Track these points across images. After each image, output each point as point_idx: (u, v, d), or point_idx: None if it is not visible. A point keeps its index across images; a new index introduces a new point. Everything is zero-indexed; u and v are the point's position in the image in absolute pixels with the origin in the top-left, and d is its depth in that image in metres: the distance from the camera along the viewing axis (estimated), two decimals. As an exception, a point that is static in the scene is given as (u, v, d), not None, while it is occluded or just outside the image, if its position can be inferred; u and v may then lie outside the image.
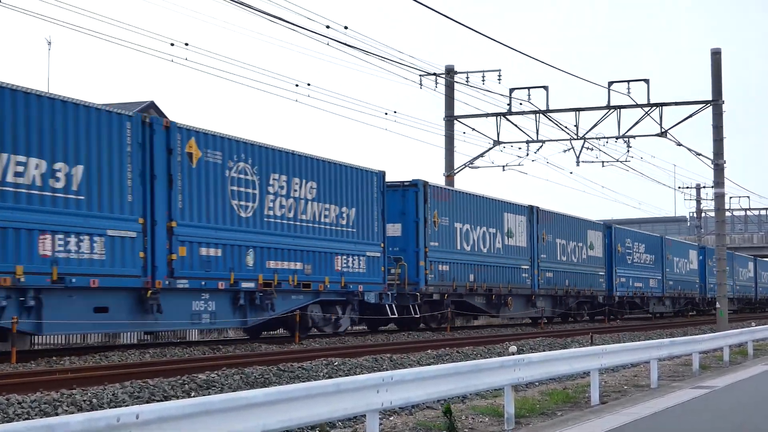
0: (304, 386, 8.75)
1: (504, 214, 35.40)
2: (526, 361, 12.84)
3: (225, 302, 22.69)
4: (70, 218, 18.31)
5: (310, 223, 25.33)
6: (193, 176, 21.46)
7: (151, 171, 20.37)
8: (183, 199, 21.08)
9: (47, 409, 11.44)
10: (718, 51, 42.02)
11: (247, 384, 14.56)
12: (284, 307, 24.73)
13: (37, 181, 17.72)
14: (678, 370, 20.91)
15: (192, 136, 21.57)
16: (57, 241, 18.01)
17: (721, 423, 12.23)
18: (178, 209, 20.93)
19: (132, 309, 20.06)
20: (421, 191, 30.10)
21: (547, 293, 38.54)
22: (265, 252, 23.59)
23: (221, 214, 22.23)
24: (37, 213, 17.65)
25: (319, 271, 25.50)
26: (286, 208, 24.42)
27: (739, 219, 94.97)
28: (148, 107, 40.18)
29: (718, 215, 44.09)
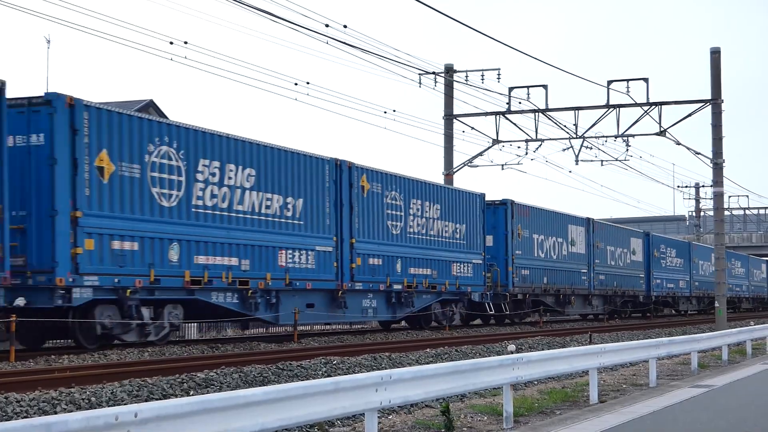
0: (303, 385, 8.75)
1: (568, 225, 41.25)
2: (525, 360, 12.84)
3: (383, 300, 28.43)
4: (295, 238, 24.45)
5: (434, 237, 30.97)
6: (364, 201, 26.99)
7: (341, 200, 26.24)
8: (359, 221, 26.91)
9: (46, 408, 11.45)
10: (717, 50, 42.03)
11: (246, 383, 14.56)
12: (421, 304, 30.75)
13: (276, 211, 23.73)
14: (677, 369, 20.92)
15: None
16: (288, 255, 24.10)
17: (719, 422, 12.23)
18: (356, 229, 26.98)
19: (329, 305, 26.03)
20: (509, 208, 35.77)
21: (600, 293, 44.34)
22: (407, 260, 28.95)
23: (379, 231, 27.71)
24: (277, 234, 23.77)
25: (441, 276, 31.28)
26: (421, 226, 30.08)
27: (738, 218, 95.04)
28: (147, 106, 40.16)
29: (717, 214, 44.12)
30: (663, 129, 41.66)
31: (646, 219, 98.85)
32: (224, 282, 21.99)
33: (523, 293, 36.41)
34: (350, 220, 26.75)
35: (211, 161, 21.87)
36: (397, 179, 28.91)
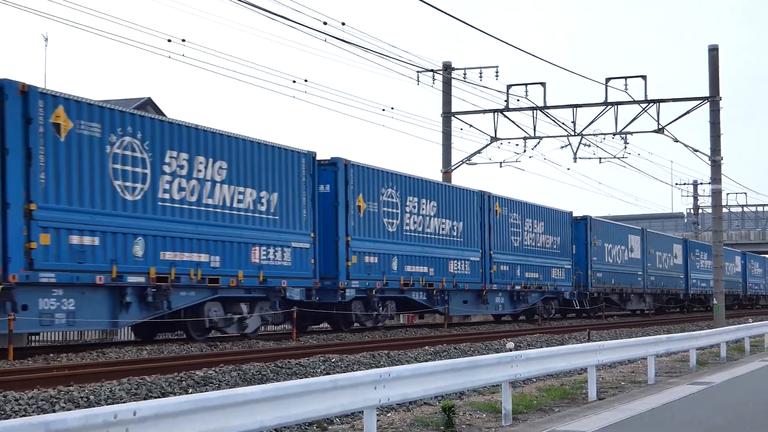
0: (302, 383, 8.75)
1: (628, 234, 47.75)
2: (524, 358, 12.85)
3: (508, 298, 35.30)
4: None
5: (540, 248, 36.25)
6: None
7: None
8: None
9: (44, 406, 11.44)
10: (715, 47, 42.04)
11: (245, 381, 14.56)
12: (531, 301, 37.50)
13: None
14: (675, 366, 20.94)
15: None
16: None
17: (718, 419, 12.24)
18: (492, 243, 33.88)
19: None
20: (588, 223, 42.91)
21: (651, 292, 50.69)
22: None
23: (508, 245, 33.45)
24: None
25: (544, 279, 37.69)
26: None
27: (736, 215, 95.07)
28: (145, 104, 40.11)
29: (715, 211, 44.14)
30: (661, 126, 41.67)
31: (645, 216, 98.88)
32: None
33: (598, 292, 43.51)
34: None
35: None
36: (518, 204, 36.73)
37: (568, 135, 42.97)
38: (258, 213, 23.38)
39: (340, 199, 26.46)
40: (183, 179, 21.08)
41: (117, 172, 19.36)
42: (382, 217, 28.38)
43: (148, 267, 20.03)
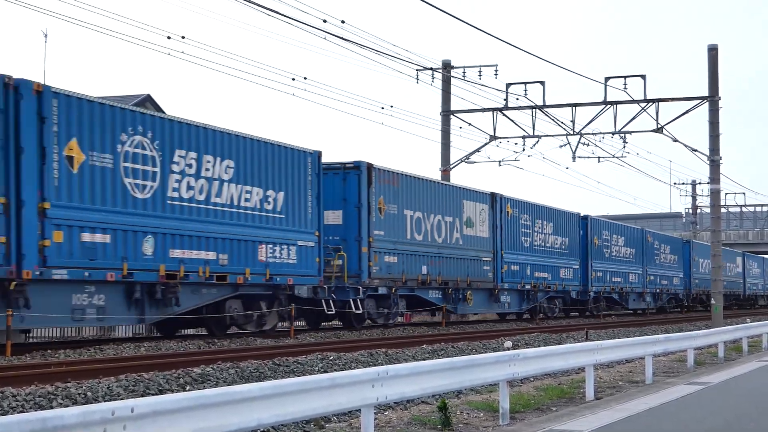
0: (300, 381, 8.75)
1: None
2: (522, 357, 12.85)
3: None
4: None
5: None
6: None
7: None
8: None
9: (42, 402, 11.43)
10: (714, 47, 42.05)
11: (242, 378, 14.56)
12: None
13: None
14: (673, 366, 20.95)
15: None
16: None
17: (716, 419, 12.25)
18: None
19: None
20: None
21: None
22: None
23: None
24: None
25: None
26: None
27: (734, 215, 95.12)
28: (144, 100, 40.11)
29: (714, 211, 44.17)
30: (660, 126, 41.69)
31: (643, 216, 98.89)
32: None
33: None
34: None
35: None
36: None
37: (567, 134, 43.00)
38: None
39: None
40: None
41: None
42: (602, 248, 38.74)
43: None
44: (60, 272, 17.98)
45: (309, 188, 25.29)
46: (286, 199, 24.37)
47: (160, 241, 20.35)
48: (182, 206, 21.02)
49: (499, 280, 34.89)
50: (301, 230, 24.90)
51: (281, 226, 24.12)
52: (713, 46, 42.07)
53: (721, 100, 41.49)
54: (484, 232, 33.98)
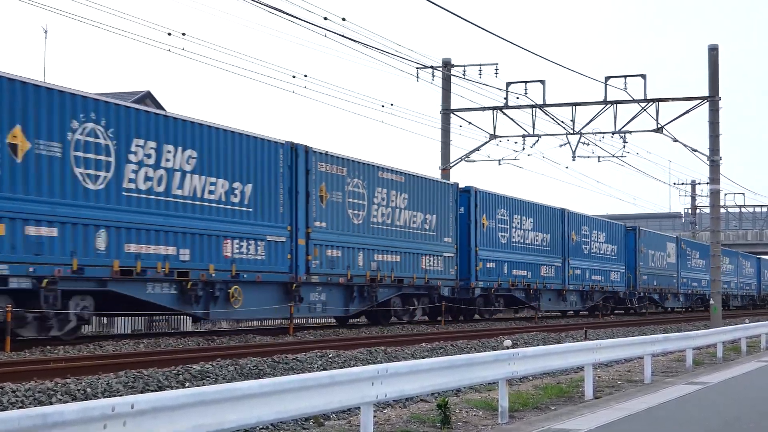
0: (300, 378, 8.75)
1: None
2: (521, 355, 12.85)
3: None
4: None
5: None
6: None
7: None
8: None
9: (42, 398, 11.44)
10: (715, 47, 42.04)
11: (242, 375, 14.56)
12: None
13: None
14: (672, 365, 20.96)
15: None
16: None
17: (714, 419, 12.25)
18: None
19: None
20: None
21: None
22: None
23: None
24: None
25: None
26: None
27: (733, 216, 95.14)
28: (144, 97, 40.10)
29: (713, 212, 44.16)
30: (660, 126, 41.68)
31: (643, 216, 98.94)
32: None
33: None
34: None
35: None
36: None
37: (567, 133, 42.97)
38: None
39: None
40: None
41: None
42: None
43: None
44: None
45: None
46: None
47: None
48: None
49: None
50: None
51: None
52: (714, 46, 42.06)
53: (721, 100, 41.50)
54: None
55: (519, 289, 36.94)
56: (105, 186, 19.23)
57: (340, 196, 26.51)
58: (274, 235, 23.99)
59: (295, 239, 24.66)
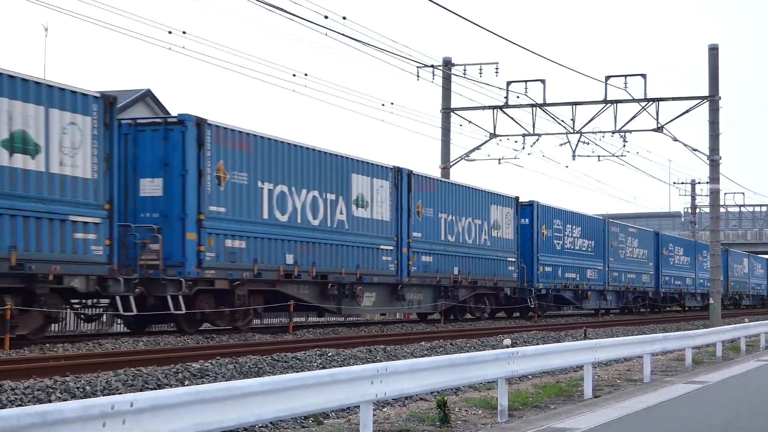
0: (299, 376, 8.75)
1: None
2: (521, 354, 12.85)
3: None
4: None
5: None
6: None
7: None
8: None
9: (40, 396, 11.43)
10: (715, 47, 42.04)
11: (241, 373, 14.55)
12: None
13: None
14: (671, 365, 20.96)
15: None
16: None
17: (713, 418, 12.25)
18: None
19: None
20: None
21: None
22: None
23: None
24: None
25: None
26: None
27: (733, 215, 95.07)
28: (144, 95, 40.05)
29: (713, 211, 44.18)
30: (660, 125, 41.67)
31: (642, 215, 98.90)
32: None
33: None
34: None
35: None
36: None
37: (567, 132, 42.96)
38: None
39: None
40: None
41: None
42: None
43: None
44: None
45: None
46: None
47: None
48: None
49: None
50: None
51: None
52: (714, 45, 42.06)
53: (721, 99, 41.51)
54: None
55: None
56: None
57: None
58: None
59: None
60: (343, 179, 26.77)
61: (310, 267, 25.04)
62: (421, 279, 30.63)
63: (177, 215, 21.43)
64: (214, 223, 21.95)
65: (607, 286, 45.72)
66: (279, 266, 23.96)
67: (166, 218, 21.46)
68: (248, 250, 22.98)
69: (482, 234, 34.53)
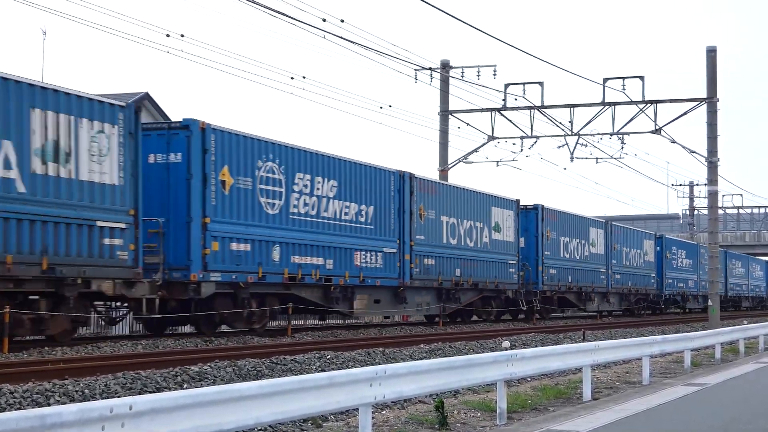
0: (298, 379, 8.75)
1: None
2: (519, 357, 12.85)
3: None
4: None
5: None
6: None
7: None
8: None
9: (39, 399, 11.42)
10: (713, 49, 42.07)
11: (240, 376, 14.55)
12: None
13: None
14: (670, 367, 20.95)
15: None
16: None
17: (712, 420, 12.25)
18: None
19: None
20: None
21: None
22: None
23: None
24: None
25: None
26: None
27: (731, 217, 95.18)
28: (142, 98, 40.05)
29: (711, 213, 44.19)
30: (658, 127, 41.70)
31: (640, 217, 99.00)
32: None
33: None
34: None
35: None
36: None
37: (565, 135, 42.98)
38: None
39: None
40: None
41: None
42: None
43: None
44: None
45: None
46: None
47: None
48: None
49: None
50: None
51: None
52: (712, 47, 42.09)
53: (719, 101, 41.53)
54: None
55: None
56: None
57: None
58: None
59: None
60: None
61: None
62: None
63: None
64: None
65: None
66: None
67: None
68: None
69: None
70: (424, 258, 30.65)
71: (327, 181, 25.73)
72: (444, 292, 32.33)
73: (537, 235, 38.64)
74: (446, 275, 31.93)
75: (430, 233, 31.05)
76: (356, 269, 26.99)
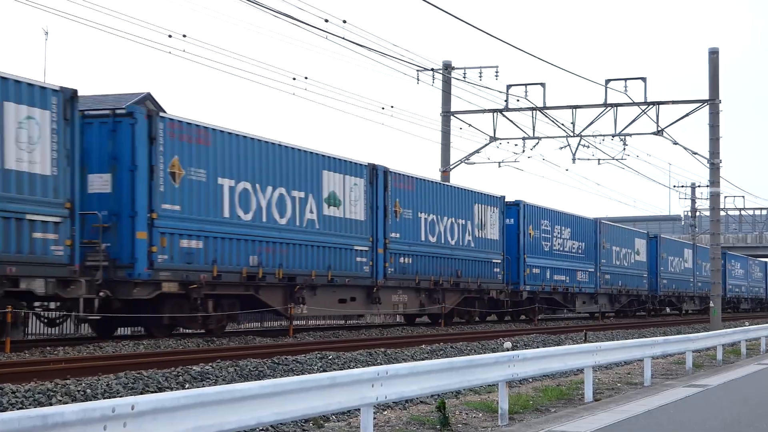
0: (300, 379, 8.75)
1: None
2: (521, 357, 12.85)
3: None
4: None
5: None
6: None
7: None
8: None
9: (41, 399, 11.43)
10: (715, 50, 42.04)
11: (241, 376, 14.56)
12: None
13: None
14: (671, 368, 20.95)
15: None
16: None
17: (713, 421, 12.25)
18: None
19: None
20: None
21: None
22: None
23: None
24: None
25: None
26: None
27: (733, 218, 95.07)
28: (144, 99, 40.09)
29: (713, 214, 44.16)
30: (660, 128, 41.68)
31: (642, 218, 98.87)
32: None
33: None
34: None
35: None
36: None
37: (567, 136, 42.98)
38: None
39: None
40: None
41: None
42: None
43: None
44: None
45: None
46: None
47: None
48: None
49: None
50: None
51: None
52: (714, 49, 42.06)
53: (721, 103, 41.50)
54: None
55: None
56: None
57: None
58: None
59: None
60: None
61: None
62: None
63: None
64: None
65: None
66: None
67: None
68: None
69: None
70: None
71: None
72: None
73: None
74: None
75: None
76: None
